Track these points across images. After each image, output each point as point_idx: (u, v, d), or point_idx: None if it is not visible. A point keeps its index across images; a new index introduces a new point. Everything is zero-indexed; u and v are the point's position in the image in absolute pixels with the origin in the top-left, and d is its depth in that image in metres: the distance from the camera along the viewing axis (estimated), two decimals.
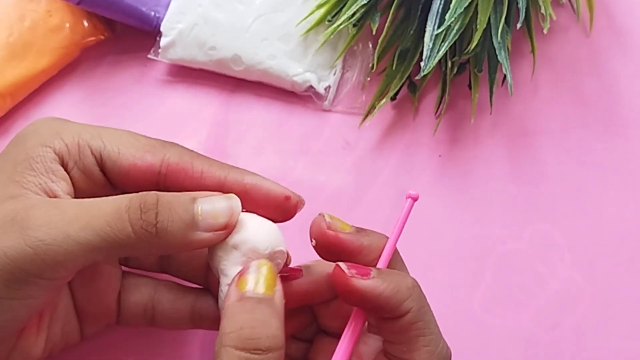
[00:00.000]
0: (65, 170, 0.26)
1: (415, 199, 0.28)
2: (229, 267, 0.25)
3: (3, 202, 0.24)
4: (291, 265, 0.28)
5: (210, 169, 0.26)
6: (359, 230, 0.27)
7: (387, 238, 0.27)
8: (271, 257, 0.26)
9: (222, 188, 0.26)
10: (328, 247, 0.26)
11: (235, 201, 0.25)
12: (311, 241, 0.27)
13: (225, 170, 0.27)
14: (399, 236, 0.27)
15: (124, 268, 0.30)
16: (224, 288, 0.25)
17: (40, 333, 0.27)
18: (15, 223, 0.23)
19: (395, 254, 0.27)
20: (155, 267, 0.31)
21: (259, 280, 0.24)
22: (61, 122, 0.27)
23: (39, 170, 0.25)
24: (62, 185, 0.25)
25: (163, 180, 0.26)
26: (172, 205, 0.24)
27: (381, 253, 0.27)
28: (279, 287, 0.25)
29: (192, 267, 0.30)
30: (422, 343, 0.25)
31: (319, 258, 0.27)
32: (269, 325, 0.23)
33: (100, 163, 0.26)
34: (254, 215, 0.26)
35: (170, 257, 0.31)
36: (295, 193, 0.27)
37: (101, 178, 0.26)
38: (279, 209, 0.27)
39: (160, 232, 0.23)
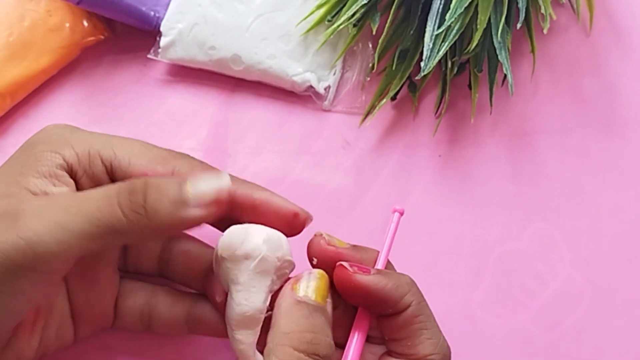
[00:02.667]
0: (74, 178, 0.26)
1: (401, 213, 0.29)
2: (240, 276, 0.26)
3: (1, 199, 0.24)
4: (291, 275, 0.28)
5: None
6: (355, 246, 0.28)
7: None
8: (280, 267, 0.26)
9: (232, 202, 0.26)
10: (329, 263, 0.27)
11: (225, 177, 0.25)
12: (311, 260, 0.27)
13: (236, 184, 0.27)
14: (390, 249, 0.28)
15: (121, 274, 0.30)
16: (235, 296, 0.26)
17: (34, 334, 0.27)
18: (7, 216, 0.23)
19: (389, 264, 0.28)
20: (154, 271, 0.31)
21: (312, 288, 0.25)
22: (73, 130, 0.27)
23: (43, 173, 0.25)
24: (63, 190, 0.25)
25: None
26: (160, 186, 0.24)
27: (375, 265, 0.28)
28: (329, 298, 0.26)
29: (190, 272, 0.30)
30: (426, 336, 0.26)
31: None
32: (327, 334, 0.24)
33: (110, 172, 0.26)
34: (263, 226, 0.27)
35: (168, 261, 0.30)
36: (304, 209, 0.28)
37: None
38: (288, 225, 0.27)
39: (150, 213, 0.24)
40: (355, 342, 0.26)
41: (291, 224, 0.28)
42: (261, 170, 0.38)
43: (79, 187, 0.26)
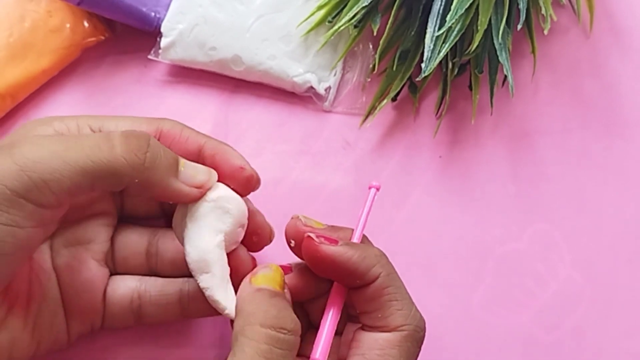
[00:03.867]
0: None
1: (377, 189, 0.30)
2: (190, 218, 0.27)
3: None
4: (281, 264, 0.29)
5: (193, 136, 0.29)
6: (332, 227, 0.28)
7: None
8: (234, 223, 0.28)
9: (200, 150, 0.29)
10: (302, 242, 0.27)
11: (214, 172, 0.28)
12: (289, 243, 0.28)
13: (205, 138, 0.29)
14: (365, 224, 0.28)
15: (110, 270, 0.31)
16: (187, 241, 0.27)
17: (28, 318, 0.27)
18: (4, 148, 0.23)
19: (365, 240, 0.29)
20: (142, 268, 0.31)
21: (269, 279, 0.26)
22: (57, 116, 0.28)
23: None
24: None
25: None
26: (161, 147, 0.25)
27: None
28: (287, 289, 0.27)
29: (179, 262, 0.30)
30: (396, 307, 0.26)
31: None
32: (290, 312, 0.25)
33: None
34: (229, 188, 0.29)
35: (157, 256, 0.31)
36: (253, 169, 0.29)
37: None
38: (236, 179, 0.29)
39: (149, 163, 0.24)
40: (330, 316, 0.27)
41: (241, 176, 0.29)
42: (261, 170, 0.38)
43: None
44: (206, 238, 0.27)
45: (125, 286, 0.30)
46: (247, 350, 0.23)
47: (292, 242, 0.28)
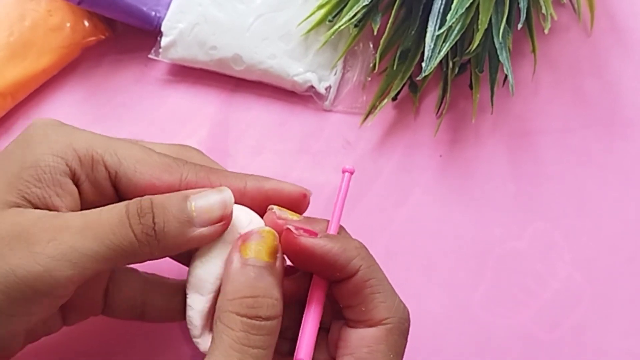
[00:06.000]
0: (76, 183, 0.25)
1: (351, 173, 0.29)
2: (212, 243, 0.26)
3: (3, 209, 0.24)
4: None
5: (227, 181, 0.27)
6: (307, 218, 0.28)
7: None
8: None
9: (243, 198, 0.27)
10: (280, 235, 0.26)
11: (227, 193, 0.25)
12: None
13: (243, 180, 0.27)
14: (341, 213, 0.28)
15: None
16: (196, 259, 0.26)
17: None
18: (21, 240, 0.23)
19: (341, 229, 0.28)
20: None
21: (261, 248, 0.25)
22: (70, 129, 0.27)
23: (46, 181, 0.24)
24: (66, 200, 0.25)
25: None
26: (165, 205, 0.24)
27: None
28: (280, 254, 0.26)
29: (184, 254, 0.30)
30: (379, 299, 0.25)
31: None
32: (270, 295, 0.24)
33: (114, 179, 0.26)
34: (247, 209, 0.27)
35: None
36: (306, 188, 0.28)
37: (111, 192, 0.26)
38: (297, 207, 0.28)
39: (159, 234, 0.24)
40: (312, 312, 0.26)
41: (301, 205, 0.28)
42: (262, 169, 0.38)
43: (81, 193, 0.26)
44: (219, 264, 0.26)
45: (129, 289, 0.30)
46: (225, 338, 0.23)
47: None
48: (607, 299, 0.36)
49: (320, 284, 0.26)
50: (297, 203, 0.28)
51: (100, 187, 0.26)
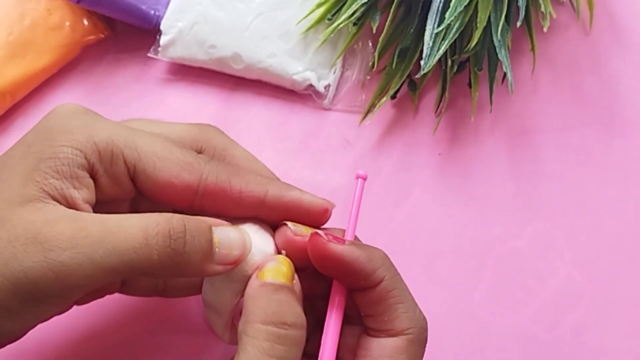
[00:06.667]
0: (94, 176, 0.25)
1: (364, 179, 0.29)
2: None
3: (21, 205, 0.23)
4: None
5: (248, 187, 0.26)
6: (322, 230, 0.27)
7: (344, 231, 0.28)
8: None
9: (262, 207, 0.26)
10: (298, 253, 0.26)
11: (247, 236, 0.26)
12: (280, 253, 0.27)
13: (264, 187, 0.27)
14: (357, 219, 0.28)
15: None
16: (210, 283, 0.26)
17: None
18: (37, 242, 0.22)
19: (356, 239, 0.28)
20: None
21: (276, 272, 0.25)
22: (92, 118, 0.26)
23: (64, 173, 0.24)
24: (83, 193, 0.24)
25: (199, 200, 0.26)
26: (195, 233, 0.24)
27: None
28: (296, 280, 0.26)
29: None
30: (402, 310, 0.26)
31: None
32: (293, 306, 0.24)
33: (133, 174, 0.25)
34: (264, 233, 0.27)
35: None
36: (329, 201, 0.28)
37: (130, 187, 0.26)
38: (317, 221, 0.28)
39: (182, 262, 0.24)
40: (334, 320, 0.26)
41: (321, 219, 0.28)
42: None
43: (98, 186, 0.25)
44: (230, 293, 0.26)
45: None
46: (250, 349, 0.23)
47: (284, 252, 0.27)
48: (607, 299, 0.36)
49: (341, 291, 0.27)
50: (317, 217, 0.27)
51: (119, 181, 0.25)
